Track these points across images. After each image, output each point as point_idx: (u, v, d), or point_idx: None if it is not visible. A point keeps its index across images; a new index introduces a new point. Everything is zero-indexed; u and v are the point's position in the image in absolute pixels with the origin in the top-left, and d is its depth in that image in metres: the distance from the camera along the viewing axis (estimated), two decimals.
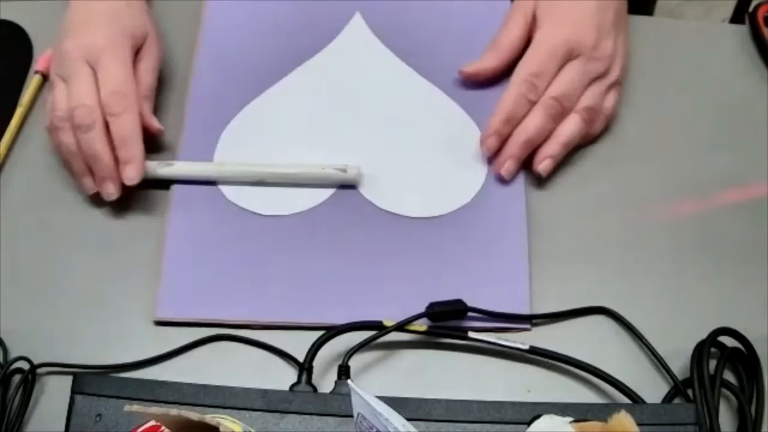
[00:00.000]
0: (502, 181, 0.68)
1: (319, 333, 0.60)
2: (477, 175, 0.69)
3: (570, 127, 0.68)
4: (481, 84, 0.73)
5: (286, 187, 0.68)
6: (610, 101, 0.70)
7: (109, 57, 0.66)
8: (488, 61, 0.72)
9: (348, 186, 0.68)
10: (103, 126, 0.65)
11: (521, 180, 0.68)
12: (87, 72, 0.66)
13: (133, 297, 0.64)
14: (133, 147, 0.65)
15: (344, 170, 0.67)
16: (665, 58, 0.75)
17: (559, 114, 0.68)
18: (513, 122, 0.68)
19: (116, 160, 0.65)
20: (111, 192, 0.66)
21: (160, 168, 0.68)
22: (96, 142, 0.65)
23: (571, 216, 0.68)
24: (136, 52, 0.69)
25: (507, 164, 0.67)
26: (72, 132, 0.65)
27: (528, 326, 0.63)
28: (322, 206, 0.67)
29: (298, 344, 0.61)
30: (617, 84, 0.71)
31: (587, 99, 0.69)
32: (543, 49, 0.68)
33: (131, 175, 0.65)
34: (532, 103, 0.68)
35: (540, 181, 0.69)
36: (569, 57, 0.68)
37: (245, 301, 0.64)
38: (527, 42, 0.71)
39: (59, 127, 0.66)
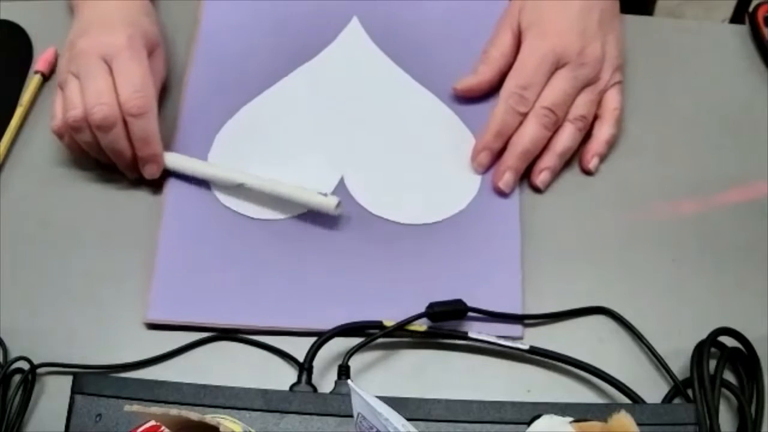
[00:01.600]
0: (501, 193, 0.68)
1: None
2: (471, 182, 0.69)
3: (565, 138, 0.68)
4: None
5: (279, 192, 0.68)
6: (613, 102, 0.70)
7: (127, 56, 0.65)
8: (481, 75, 0.71)
9: (341, 192, 0.68)
10: (123, 124, 0.65)
11: (516, 188, 0.68)
12: (103, 69, 0.65)
13: (134, 297, 0.64)
14: (153, 146, 0.66)
15: (325, 195, 0.65)
16: (665, 58, 0.75)
17: (553, 123, 0.68)
18: (504, 136, 0.68)
19: (135, 155, 0.66)
20: (135, 177, 0.68)
21: None
22: (118, 140, 0.65)
23: (571, 216, 0.68)
24: None
25: (506, 176, 0.67)
26: (90, 131, 0.65)
27: (519, 334, 0.62)
28: (316, 211, 0.67)
29: (298, 344, 0.61)
30: (616, 84, 0.71)
31: (580, 107, 0.68)
32: (530, 61, 0.68)
33: (152, 172, 0.67)
34: (523, 116, 0.68)
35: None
36: (557, 66, 0.68)
37: (238, 306, 0.63)
38: (517, 52, 0.70)
39: (77, 127, 0.65)
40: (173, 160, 0.68)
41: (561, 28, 0.69)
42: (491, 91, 0.72)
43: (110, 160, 0.67)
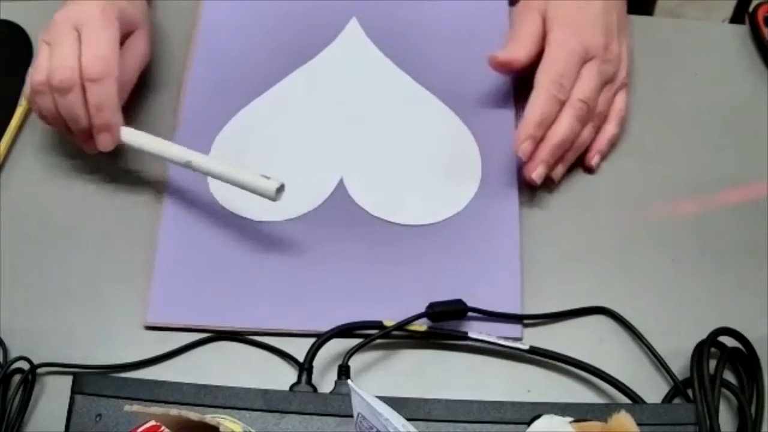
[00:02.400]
0: (532, 184, 0.67)
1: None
2: (471, 182, 0.69)
3: (584, 134, 0.68)
4: (475, 89, 0.72)
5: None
6: (620, 103, 0.70)
7: (96, 24, 0.65)
8: (518, 52, 0.70)
9: (340, 193, 0.68)
10: (82, 90, 0.64)
11: (515, 188, 0.68)
12: (72, 36, 0.65)
13: (134, 297, 0.64)
14: (108, 114, 0.64)
15: (267, 178, 0.63)
16: (665, 58, 0.75)
17: (585, 116, 0.67)
18: (546, 124, 0.66)
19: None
20: (93, 151, 0.67)
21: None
22: (75, 105, 0.64)
23: (571, 216, 0.68)
24: (123, 40, 0.68)
25: (539, 169, 0.66)
26: (51, 95, 0.64)
27: (519, 334, 0.62)
28: (315, 213, 0.67)
29: (298, 344, 0.61)
30: (624, 85, 0.71)
31: (600, 104, 0.68)
32: (562, 51, 0.67)
33: (105, 142, 0.66)
34: (562, 104, 0.67)
35: (541, 182, 0.68)
36: (585, 59, 0.68)
37: (238, 308, 0.63)
38: (544, 40, 0.69)
39: (39, 91, 0.65)
40: (128, 134, 0.66)
41: (586, 22, 0.68)
42: (522, 71, 0.70)
43: (71, 132, 0.67)
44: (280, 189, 0.63)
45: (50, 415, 0.59)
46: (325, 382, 0.60)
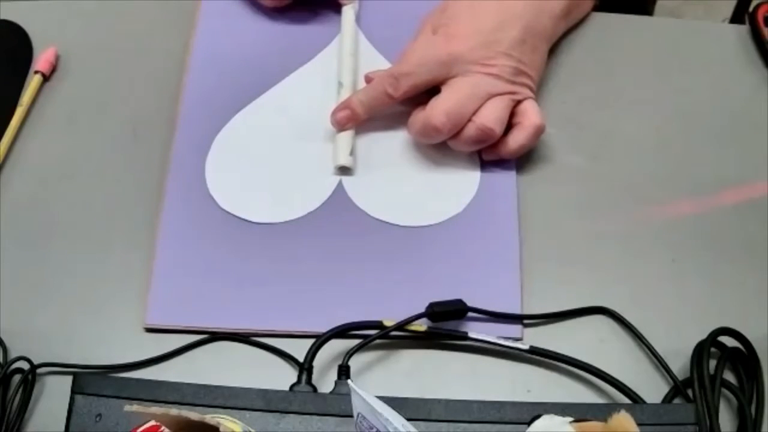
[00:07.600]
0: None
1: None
2: (470, 183, 0.69)
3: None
4: None
5: (277, 194, 0.68)
6: (528, 114, 0.68)
7: None
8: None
9: (339, 194, 0.68)
10: None
11: (514, 188, 0.68)
12: None
13: (134, 297, 0.64)
14: None
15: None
16: (665, 58, 0.75)
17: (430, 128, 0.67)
18: (368, 109, 0.69)
19: None
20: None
21: None
22: None
23: (571, 216, 0.68)
24: None
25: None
26: None
27: (519, 334, 0.62)
28: (314, 214, 0.67)
29: (298, 344, 0.61)
30: (526, 98, 0.68)
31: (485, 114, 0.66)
32: (421, 53, 0.68)
33: None
34: (391, 98, 0.68)
35: (540, 182, 0.69)
36: (450, 69, 0.67)
37: (238, 310, 0.63)
38: None
39: None
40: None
41: (468, 33, 0.67)
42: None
43: None
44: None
45: (50, 415, 0.58)
46: (325, 382, 0.60)
